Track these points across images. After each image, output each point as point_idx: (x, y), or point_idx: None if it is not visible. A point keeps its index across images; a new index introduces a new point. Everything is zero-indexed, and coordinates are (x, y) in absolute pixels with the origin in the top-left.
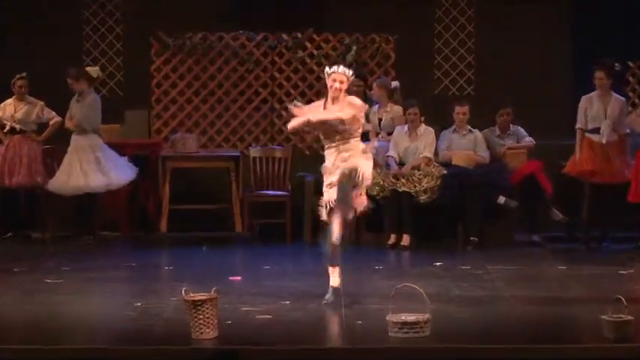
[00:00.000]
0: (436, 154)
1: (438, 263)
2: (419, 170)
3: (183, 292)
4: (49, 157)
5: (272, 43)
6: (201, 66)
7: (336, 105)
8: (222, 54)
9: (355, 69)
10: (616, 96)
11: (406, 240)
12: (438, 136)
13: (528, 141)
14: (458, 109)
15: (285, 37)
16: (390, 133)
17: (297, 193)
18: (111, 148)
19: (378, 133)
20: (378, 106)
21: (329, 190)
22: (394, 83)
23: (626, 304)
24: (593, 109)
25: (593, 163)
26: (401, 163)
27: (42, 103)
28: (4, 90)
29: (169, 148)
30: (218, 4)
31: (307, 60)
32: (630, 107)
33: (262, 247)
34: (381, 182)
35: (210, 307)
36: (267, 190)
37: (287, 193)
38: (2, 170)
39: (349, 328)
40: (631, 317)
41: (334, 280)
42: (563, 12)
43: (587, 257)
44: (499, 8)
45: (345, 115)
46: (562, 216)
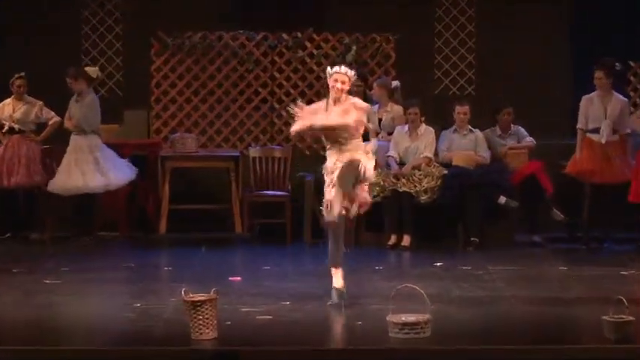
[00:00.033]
0: (436, 154)
1: (439, 264)
2: (419, 170)
3: (183, 292)
4: (47, 157)
5: (272, 43)
6: (200, 66)
7: (338, 106)
8: (221, 54)
9: (355, 69)
10: (617, 96)
11: (406, 240)
12: (438, 136)
13: (529, 141)
14: (458, 108)
15: (285, 36)
16: (390, 133)
17: (297, 193)
18: (110, 148)
19: (378, 133)
20: (378, 105)
21: (331, 190)
22: (394, 83)
23: (627, 304)
24: (593, 109)
25: (593, 163)
26: (401, 163)
27: (41, 102)
28: (3, 90)
29: (169, 148)
30: (219, 4)
31: (307, 60)
32: (632, 107)
33: (262, 248)
34: (382, 182)
35: (210, 308)
36: (267, 190)
37: (287, 194)
38: (1, 170)
39: (349, 329)
40: (632, 318)
41: (337, 281)
42: (564, 11)
43: (588, 258)
44: (499, 8)
45: (351, 120)
46: (563, 216)
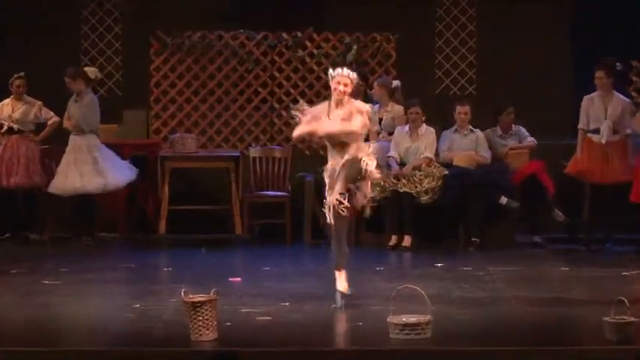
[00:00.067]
0: (437, 155)
1: (439, 264)
2: (420, 171)
3: (183, 293)
4: (47, 157)
5: (272, 42)
6: (200, 65)
7: (340, 109)
8: (221, 53)
9: (356, 68)
10: (618, 96)
11: (407, 241)
12: (439, 136)
13: (530, 141)
14: (459, 108)
15: (285, 36)
16: (390, 133)
17: (297, 194)
18: (109, 148)
19: (378, 133)
20: (378, 105)
21: (331, 191)
22: (395, 82)
23: (628, 305)
24: (594, 109)
25: (594, 164)
26: (402, 164)
27: (40, 102)
28: (2, 90)
29: (168, 148)
30: (218, 3)
31: (307, 59)
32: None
33: (262, 248)
34: (382, 183)
35: (210, 309)
36: (267, 190)
37: (287, 194)
38: (0, 170)
39: (350, 330)
40: (633, 319)
41: (341, 284)
42: (565, 11)
43: (588, 258)
44: (500, 7)
45: (356, 127)
46: (564, 217)
